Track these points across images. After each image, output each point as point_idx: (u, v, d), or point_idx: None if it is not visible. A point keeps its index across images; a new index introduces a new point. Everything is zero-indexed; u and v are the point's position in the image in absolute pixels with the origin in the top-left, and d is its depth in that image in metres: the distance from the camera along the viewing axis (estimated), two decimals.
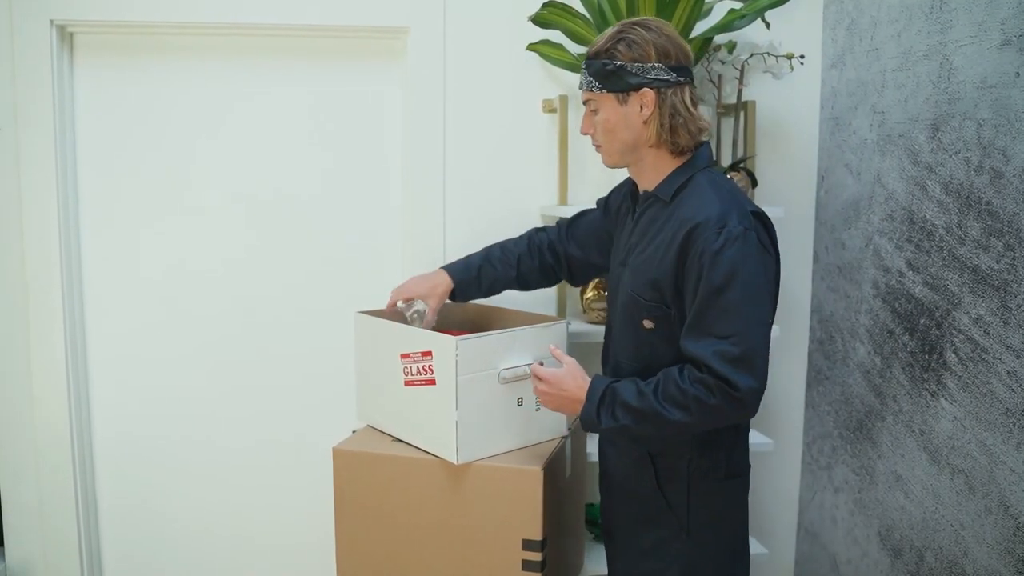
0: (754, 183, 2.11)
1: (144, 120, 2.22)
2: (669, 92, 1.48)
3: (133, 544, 2.36)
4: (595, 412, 1.48)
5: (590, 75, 1.50)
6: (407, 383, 1.75)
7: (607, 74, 1.48)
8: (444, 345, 1.64)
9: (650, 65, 1.47)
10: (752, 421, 2.33)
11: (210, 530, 2.38)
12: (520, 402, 1.74)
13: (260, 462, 2.37)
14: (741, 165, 2.09)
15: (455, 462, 1.66)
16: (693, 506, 1.56)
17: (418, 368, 1.71)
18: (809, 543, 2.39)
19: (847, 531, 2.17)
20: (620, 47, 1.47)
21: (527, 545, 1.67)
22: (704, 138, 1.55)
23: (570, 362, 1.56)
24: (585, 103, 1.55)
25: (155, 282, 2.28)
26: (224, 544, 2.39)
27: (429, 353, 1.68)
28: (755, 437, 2.19)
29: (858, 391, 2.11)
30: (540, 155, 2.25)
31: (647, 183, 1.57)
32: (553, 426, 1.81)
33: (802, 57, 2.13)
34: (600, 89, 1.50)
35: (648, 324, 1.52)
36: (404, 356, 1.74)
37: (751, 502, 2.39)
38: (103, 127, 2.21)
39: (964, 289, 1.70)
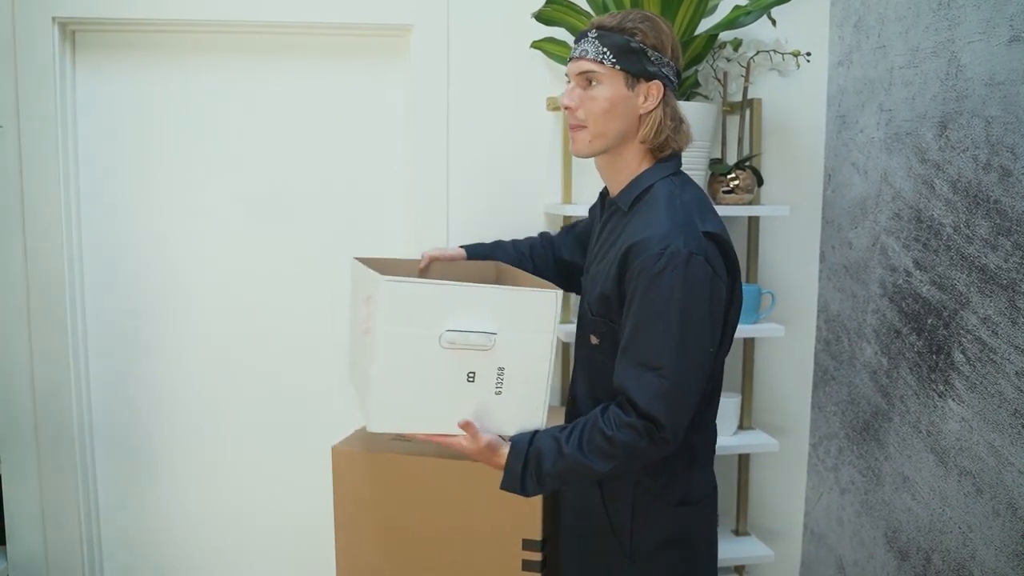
0: (760, 182, 2.09)
1: (146, 118, 2.22)
2: (671, 94, 1.40)
3: (135, 541, 2.36)
4: (519, 484, 1.37)
5: (603, 45, 1.35)
6: (362, 332, 1.53)
7: (628, 51, 1.34)
8: (377, 288, 1.35)
9: (666, 59, 1.37)
10: (757, 421, 2.33)
11: (211, 527, 2.38)
12: (471, 377, 1.38)
13: (262, 459, 2.36)
14: (747, 163, 2.08)
15: (369, 429, 1.41)
16: (637, 531, 1.43)
17: (366, 315, 1.49)
18: (815, 544, 2.37)
19: (853, 533, 2.16)
20: (643, 27, 1.35)
21: (527, 545, 1.66)
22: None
23: (481, 440, 1.38)
24: (582, 74, 1.39)
25: (157, 279, 2.28)
26: (225, 541, 2.39)
27: (371, 298, 1.43)
28: (760, 437, 2.18)
29: (865, 392, 2.09)
30: (544, 153, 2.24)
31: (615, 185, 1.46)
32: (523, 417, 1.43)
33: (808, 54, 2.12)
34: (614, 64, 1.35)
35: (594, 340, 1.43)
36: (364, 302, 1.53)
37: (755, 503, 2.40)
38: (105, 124, 2.21)
39: (972, 289, 1.68)
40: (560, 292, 1.39)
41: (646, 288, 1.28)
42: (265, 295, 2.31)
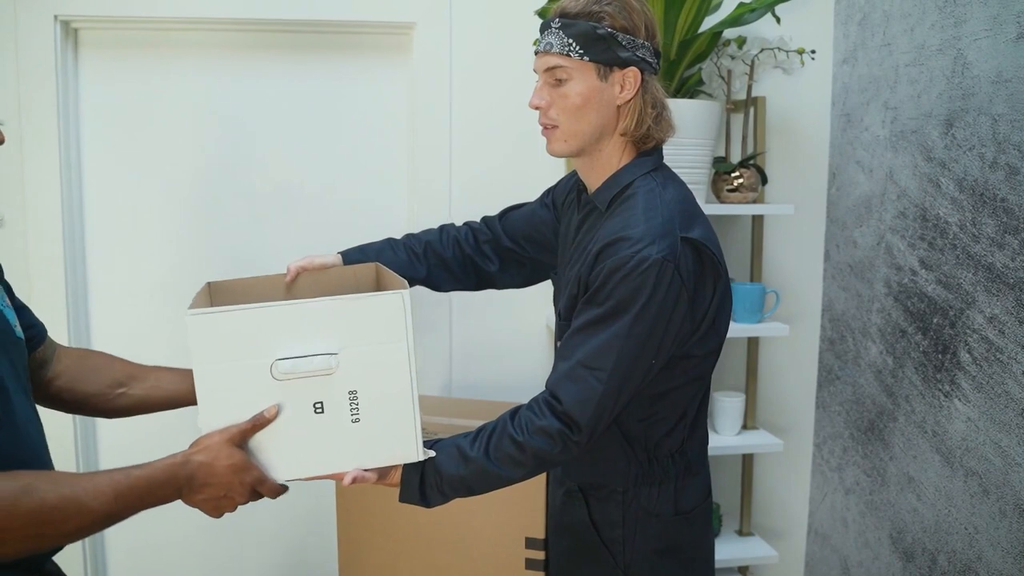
0: (764, 180, 2.08)
1: (149, 116, 2.21)
2: (651, 79, 1.29)
3: (137, 543, 2.35)
4: (418, 495, 1.27)
5: (568, 36, 1.24)
6: None
7: (595, 39, 1.23)
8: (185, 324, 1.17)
9: (640, 41, 1.25)
10: (761, 421, 2.32)
11: (212, 527, 2.37)
12: (319, 408, 1.19)
13: None
14: (751, 162, 2.07)
15: None
16: (630, 541, 1.35)
17: None
18: (819, 545, 2.36)
19: (858, 533, 2.14)
20: (610, 9, 1.24)
21: (530, 543, 1.66)
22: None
23: (371, 478, 1.26)
24: (548, 70, 1.28)
25: (160, 278, 2.27)
26: (226, 541, 2.38)
27: None
28: (764, 437, 2.17)
29: (870, 391, 2.08)
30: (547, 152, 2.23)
31: (592, 181, 1.34)
32: (392, 445, 1.23)
33: (813, 52, 2.10)
34: (581, 55, 1.24)
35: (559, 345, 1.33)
36: None
37: (759, 503, 2.39)
38: (107, 123, 2.21)
39: (978, 288, 1.67)
40: (408, 292, 1.18)
41: (609, 289, 1.19)
42: None
